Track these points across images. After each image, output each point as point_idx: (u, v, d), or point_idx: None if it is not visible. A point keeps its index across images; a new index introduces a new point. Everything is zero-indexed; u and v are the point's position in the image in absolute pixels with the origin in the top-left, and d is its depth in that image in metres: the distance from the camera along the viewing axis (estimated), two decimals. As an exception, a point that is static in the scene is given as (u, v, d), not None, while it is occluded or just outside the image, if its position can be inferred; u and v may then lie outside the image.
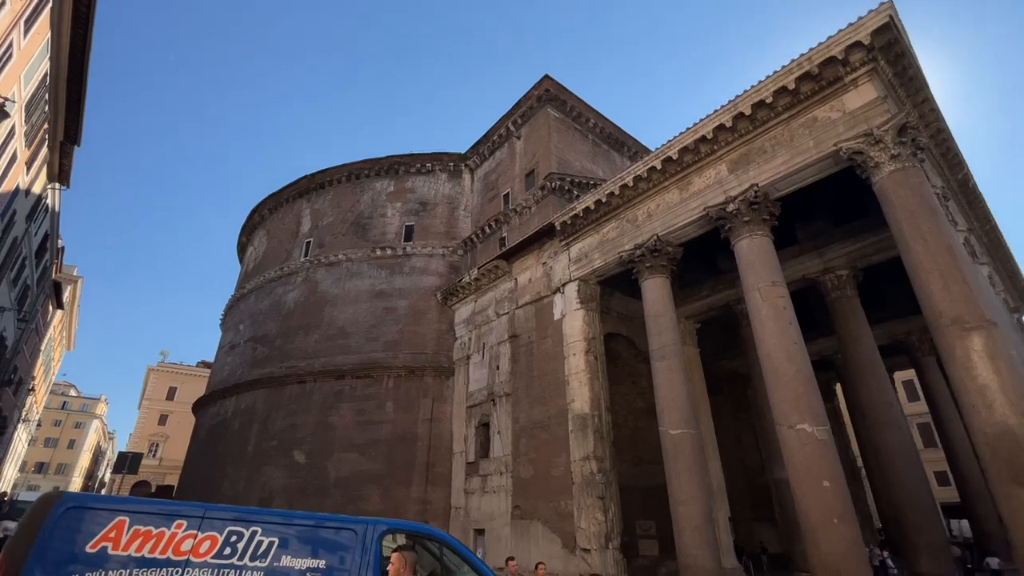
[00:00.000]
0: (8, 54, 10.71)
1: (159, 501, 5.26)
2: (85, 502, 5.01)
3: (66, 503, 4.86)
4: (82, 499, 5.05)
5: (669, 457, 12.43)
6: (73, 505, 4.86)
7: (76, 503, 4.91)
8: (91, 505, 4.98)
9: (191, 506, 5.24)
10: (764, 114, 12.86)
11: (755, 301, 11.81)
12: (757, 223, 12.56)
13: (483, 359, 20.81)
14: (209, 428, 25.39)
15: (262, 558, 5.03)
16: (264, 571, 4.97)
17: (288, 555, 5.08)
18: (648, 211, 15.14)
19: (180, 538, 4.89)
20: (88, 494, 5.33)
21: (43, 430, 65.30)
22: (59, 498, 4.92)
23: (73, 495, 5.07)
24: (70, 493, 5.12)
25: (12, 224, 15.92)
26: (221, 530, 5.04)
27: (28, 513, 4.87)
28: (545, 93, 22.81)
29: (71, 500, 4.93)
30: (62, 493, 5.06)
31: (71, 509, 4.81)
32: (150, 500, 5.34)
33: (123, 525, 4.82)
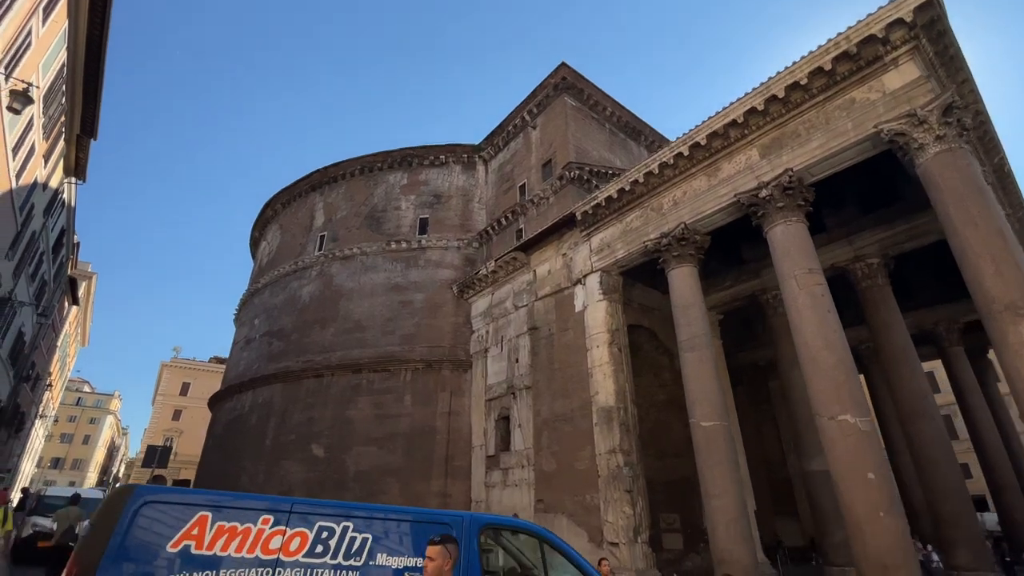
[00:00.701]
0: (27, 42, 10.52)
1: (243, 495, 4.86)
2: (163, 496, 4.58)
3: (142, 497, 4.41)
4: (159, 493, 4.62)
5: (701, 450, 12.14)
6: (150, 500, 4.42)
7: (153, 497, 4.47)
8: (170, 499, 4.56)
9: (277, 500, 4.83)
10: (798, 96, 12.45)
11: (791, 289, 11.45)
12: (791, 209, 12.19)
13: (501, 352, 20.59)
14: (226, 423, 25.37)
15: (356, 556, 4.63)
16: (359, 571, 4.57)
17: (383, 553, 4.67)
18: (674, 199, 14.78)
19: (268, 535, 4.45)
20: (164, 487, 4.84)
21: (58, 426, 65.98)
22: (133, 492, 4.48)
23: (148, 488, 4.59)
24: (144, 487, 4.62)
25: (31, 218, 15.82)
26: (311, 526, 4.61)
27: (100, 510, 4.46)
28: (562, 81, 22.41)
29: (147, 494, 4.48)
30: (135, 486, 4.57)
31: (148, 504, 4.37)
32: (232, 493, 4.88)
33: (205, 521, 4.38)
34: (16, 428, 31.37)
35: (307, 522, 4.63)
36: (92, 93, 14.95)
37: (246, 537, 4.43)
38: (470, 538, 4.83)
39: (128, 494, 4.45)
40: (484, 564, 4.86)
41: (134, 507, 4.34)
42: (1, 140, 11.13)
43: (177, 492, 4.77)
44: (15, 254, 15.61)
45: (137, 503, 4.38)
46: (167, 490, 4.76)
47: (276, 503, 4.75)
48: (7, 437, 30.54)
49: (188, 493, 4.77)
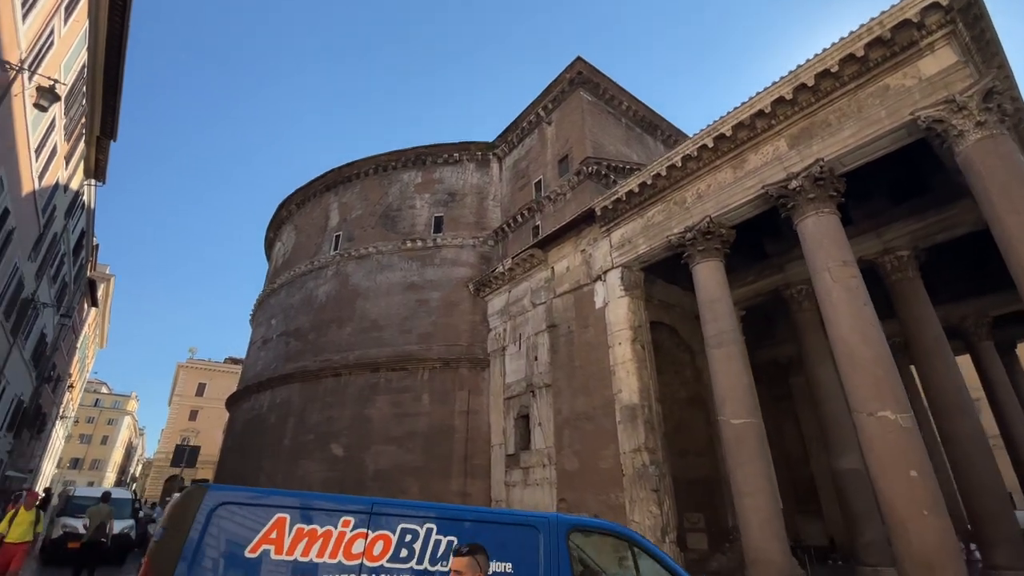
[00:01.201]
0: (50, 42, 10.51)
1: (321, 495, 4.56)
2: (238, 496, 4.27)
3: (216, 498, 4.12)
4: (233, 493, 4.31)
5: (731, 448, 11.87)
6: (225, 501, 4.12)
7: (228, 498, 4.17)
8: (246, 500, 4.24)
9: (356, 500, 4.52)
10: (829, 84, 12.12)
11: (825, 282, 11.15)
12: (823, 200, 11.87)
13: (520, 350, 20.41)
14: (244, 422, 25.46)
15: (443, 561, 4.32)
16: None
17: None
18: (698, 192, 14.50)
19: (350, 538, 4.16)
20: (237, 487, 4.50)
21: (78, 427, 66.93)
22: (205, 492, 4.15)
23: (221, 488, 4.30)
24: (217, 486, 4.31)
25: (52, 220, 15.91)
26: (393, 528, 4.31)
27: (171, 512, 4.13)
28: (578, 76, 22.17)
29: (221, 494, 4.20)
30: (207, 486, 4.24)
31: (223, 505, 4.07)
32: (310, 493, 4.57)
33: (284, 524, 4.08)
34: (38, 429, 31.77)
35: (389, 524, 4.35)
36: (111, 94, 14.99)
37: (327, 541, 4.13)
38: (559, 541, 4.50)
39: (201, 494, 4.16)
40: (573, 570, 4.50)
41: (209, 508, 4.06)
42: (25, 140, 11.17)
43: (252, 492, 4.45)
44: (38, 255, 15.70)
45: (212, 504, 4.09)
46: (241, 490, 4.45)
47: (356, 504, 4.46)
48: (29, 438, 30.92)
49: (264, 493, 4.47)
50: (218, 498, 4.16)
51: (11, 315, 15.72)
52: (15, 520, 9.67)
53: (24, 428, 27.26)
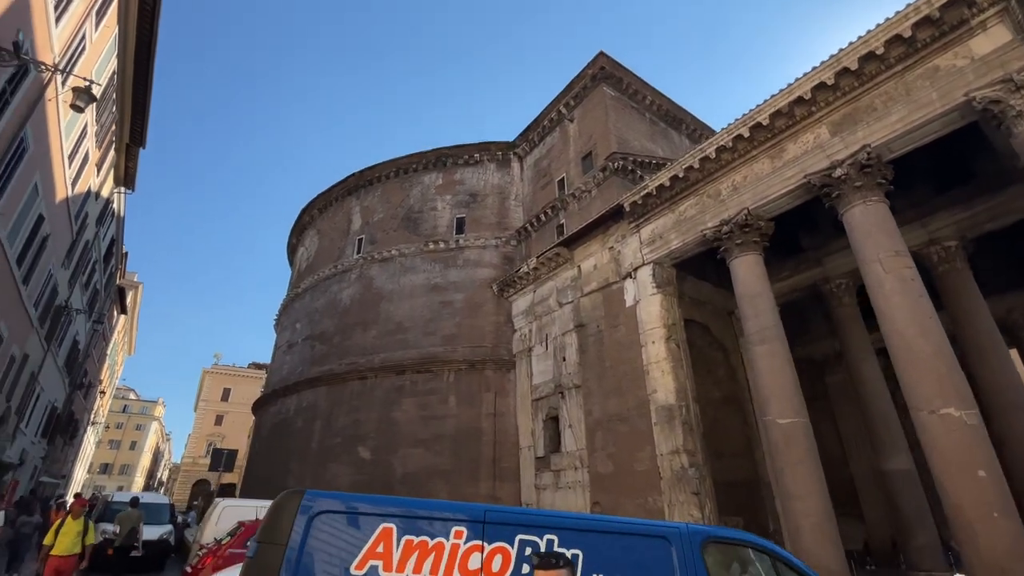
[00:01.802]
0: (82, 46, 10.57)
1: (427, 502, 4.03)
2: (337, 504, 3.73)
3: (315, 505, 3.62)
4: (332, 500, 3.78)
5: (779, 449, 11.37)
6: (325, 508, 3.63)
7: (327, 506, 3.66)
8: (346, 508, 3.73)
9: (467, 508, 4.01)
10: (873, 67, 11.60)
11: (876, 274, 10.61)
12: (870, 188, 11.34)
13: (546, 350, 20.07)
14: (271, 426, 25.56)
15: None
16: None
17: (597, 573, 3.76)
18: (733, 184, 14.03)
19: (464, 552, 3.64)
20: (335, 492, 3.93)
21: (107, 433, 68.33)
22: (300, 498, 3.65)
23: (319, 494, 3.78)
24: (314, 492, 3.78)
25: (84, 227, 16.09)
26: (511, 540, 3.77)
27: (266, 525, 3.62)
28: (600, 71, 21.81)
29: (320, 501, 3.71)
30: (301, 491, 3.73)
31: (323, 515, 3.58)
32: (415, 500, 4.02)
33: (391, 535, 3.58)
34: (71, 435, 32.39)
35: (506, 535, 3.82)
36: (141, 100, 15.12)
37: (440, 555, 3.62)
38: (694, 555, 3.96)
39: (296, 502, 3.66)
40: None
41: (306, 518, 3.57)
42: (58, 147, 11.25)
43: (353, 499, 3.89)
44: (71, 263, 15.89)
45: (310, 512, 3.61)
46: (340, 496, 3.90)
47: (468, 512, 3.97)
48: (63, 444, 31.53)
49: (366, 501, 3.89)
50: (316, 505, 3.66)
51: (45, 322, 15.92)
52: (62, 530, 8.69)
53: (57, 434, 27.77)
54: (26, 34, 7.95)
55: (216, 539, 9.39)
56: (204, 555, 8.49)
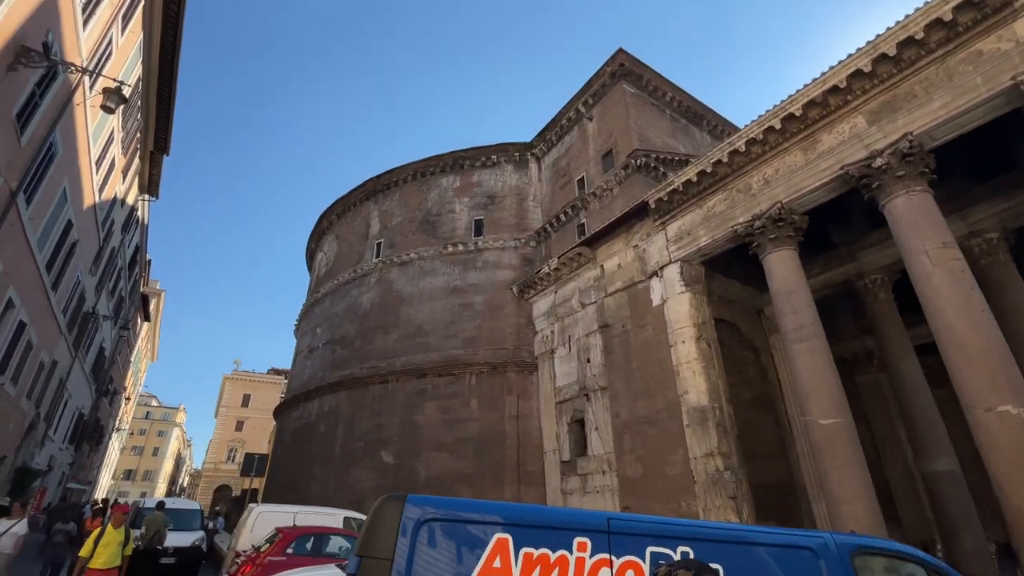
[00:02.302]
0: (109, 51, 10.62)
1: (541, 508, 3.62)
2: (442, 511, 3.24)
3: (418, 512, 3.14)
4: (437, 506, 3.30)
5: (821, 450, 10.92)
6: (430, 517, 3.15)
7: (433, 513, 3.18)
8: (454, 516, 3.23)
9: (588, 516, 3.49)
10: (912, 53, 11.16)
11: (923, 266, 10.16)
12: (913, 177, 10.88)
13: (570, 352, 19.76)
14: (293, 431, 25.57)
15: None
16: None
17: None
18: (764, 177, 13.63)
19: (592, 567, 3.13)
20: (437, 498, 3.40)
21: (131, 439, 69.36)
22: (401, 504, 3.16)
23: (421, 500, 3.29)
24: (416, 497, 3.28)
25: (111, 234, 16.22)
26: (641, 553, 3.27)
27: (367, 533, 3.13)
28: (619, 68, 21.53)
29: (424, 508, 3.22)
30: (402, 496, 3.24)
31: (429, 523, 3.11)
32: (527, 507, 3.55)
33: (507, 547, 3.09)
34: (96, 441, 32.82)
35: (635, 547, 3.30)
36: (165, 107, 15.22)
37: (564, 570, 3.10)
38: (843, 567, 3.47)
39: (398, 509, 3.17)
40: None
41: (411, 528, 3.08)
42: (86, 152, 11.31)
43: (460, 505, 3.40)
44: (98, 269, 16.02)
45: (414, 521, 3.11)
46: (446, 503, 3.38)
47: (589, 520, 3.44)
48: (89, 450, 31.94)
49: (474, 507, 3.40)
50: (420, 513, 3.16)
51: (73, 328, 16.06)
52: (101, 540, 7.84)
53: (84, 440, 28.12)
54: (55, 37, 7.98)
55: (254, 546, 9.21)
56: (243, 563, 8.29)
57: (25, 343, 12.22)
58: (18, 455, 15.78)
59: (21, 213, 9.14)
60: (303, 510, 11.02)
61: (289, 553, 8.14)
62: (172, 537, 12.06)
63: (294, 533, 8.68)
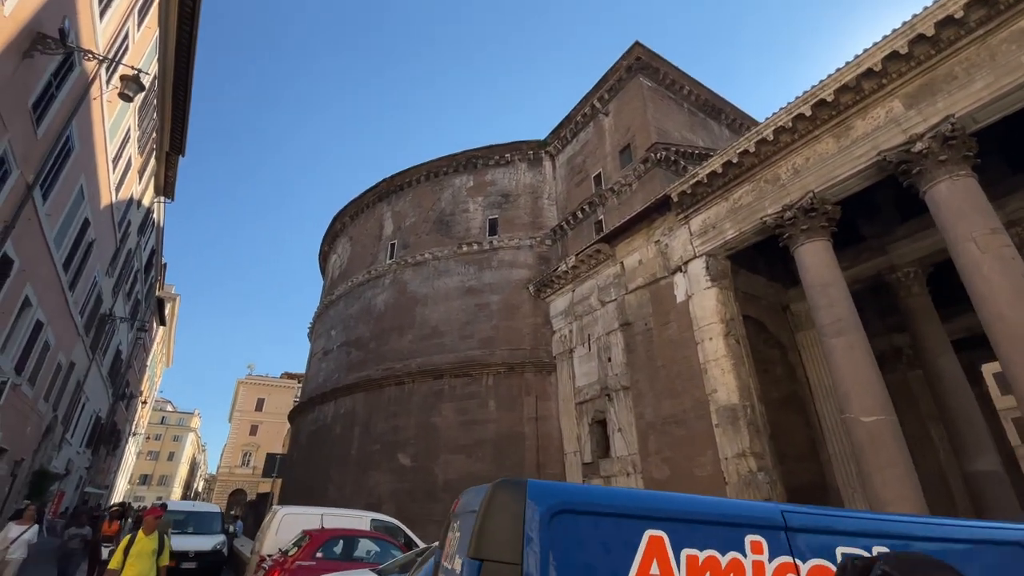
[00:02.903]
0: (125, 45, 10.48)
1: (697, 499, 2.73)
2: (577, 500, 2.45)
3: (548, 503, 2.36)
4: (569, 494, 2.53)
5: (864, 450, 10.41)
6: (563, 508, 2.37)
7: (565, 503, 2.40)
8: (592, 506, 2.43)
9: (757, 508, 2.72)
10: (951, 33, 10.68)
11: (970, 254, 9.65)
12: (956, 162, 10.39)
13: (589, 351, 19.34)
14: (309, 434, 25.39)
15: None
16: None
17: None
18: (794, 167, 13.17)
19: (774, 572, 2.41)
20: (568, 485, 2.71)
21: (147, 444, 69.85)
22: (524, 492, 2.38)
23: (548, 487, 2.51)
24: (541, 484, 2.50)
25: (127, 236, 16.14)
26: (830, 554, 2.53)
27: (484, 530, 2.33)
28: (636, 62, 21.16)
29: (552, 496, 2.44)
30: (523, 482, 2.46)
31: (562, 515, 2.34)
32: (682, 497, 2.75)
33: (663, 547, 2.36)
34: (113, 445, 32.92)
35: (820, 548, 2.56)
36: (181, 107, 15.11)
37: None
38: None
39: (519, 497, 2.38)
40: None
41: (540, 522, 2.29)
42: (103, 149, 11.17)
43: (597, 494, 2.62)
44: (114, 271, 15.93)
45: (542, 514, 2.31)
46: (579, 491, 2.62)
47: (757, 513, 2.68)
48: (106, 454, 32.03)
49: (614, 496, 2.62)
50: (547, 503, 2.36)
51: (90, 330, 15.97)
52: (132, 550, 6.91)
53: (101, 444, 28.17)
54: (71, 25, 7.81)
55: (281, 550, 8.83)
56: (270, 568, 7.90)
57: (42, 344, 12.10)
58: (36, 458, 15.70)
59: (38, 208, 9.00)
60: (329, 512, 10.69)
61: (319, 557, 7.81)
62: (192, 541, 11.82)
63: (323, 536, 8.33)
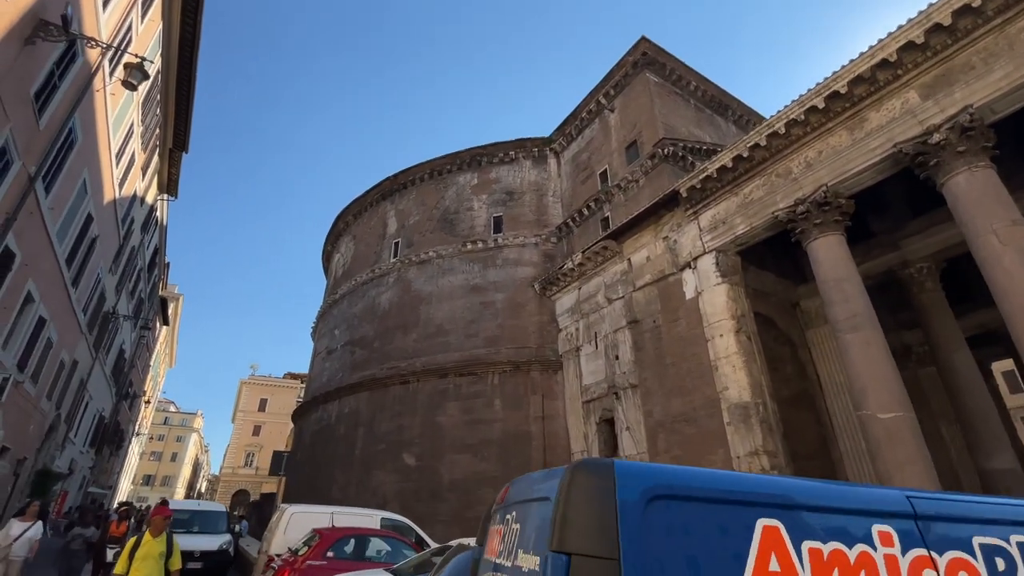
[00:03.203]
0: (128, 37, 10.33)
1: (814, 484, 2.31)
2: (678, 485, 2.03)
3: (643, 487, 1.95)
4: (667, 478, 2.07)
5: (881, 448, 10.18)
6: (661, 493, 1.96)
7: (664, 488, 1.98)
8: (694, 491, 2.02)
9: (879, 494, 2.35)
10: (968, 22, 10.47)
11: (991, 247, 9.43)
12: (975, 153, 10.17)
13: (597, 349, 19.14)
14: (312, 433, 25.23)
15: None
16: None
17: None
18: (806, 160, 12.96)
19: (909, 569, 2.04)
20: (662, 467, 2.18)
21: (150, 444, 69.81)
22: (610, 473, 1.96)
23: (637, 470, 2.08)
24: (629, 464, 2.06)
25: (130, 233, 16.00)
26: (967, 546, 2.17)
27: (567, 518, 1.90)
28: (642, 57, 20.97)
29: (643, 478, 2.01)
30: (608, 463, 2.02)
31: (659, 501, 1.92)
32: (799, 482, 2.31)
33: (781, 539, 1.96)
34: (117, 445, 32.81)
35: (956, 538, 2.19)
36: (184, 103, 14.94)
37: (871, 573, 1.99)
38: None
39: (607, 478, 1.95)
40: None
41: (635, 508, 1.87)
42: (106, 143, 11.03)
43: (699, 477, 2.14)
44: (118, 268, 15.80)
45: (636, 499, 1.89)
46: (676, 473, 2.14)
47: (882, 500, 2.27)
48: (109, 454, 31.92)
49: (722, 480, 2.17)
50: (644, 485, 1.96)
51: (94, 328, 15.83)
52: (138, 552, 6.32)
53: (104, 444, 28.05)
54: (74, 12, 7.66)
55: (291, 549, 8.59)
56: (280, 568, 7.67)
57: (45, 341, 11.96)
58: (39, 457, 15.56)
59: (40, 202, 8.84)
60: (340, 510, 10.50)
61: (330, 557, 7.59)
62: (198, 541, 11.64)
63: (334, 535, 8.13)
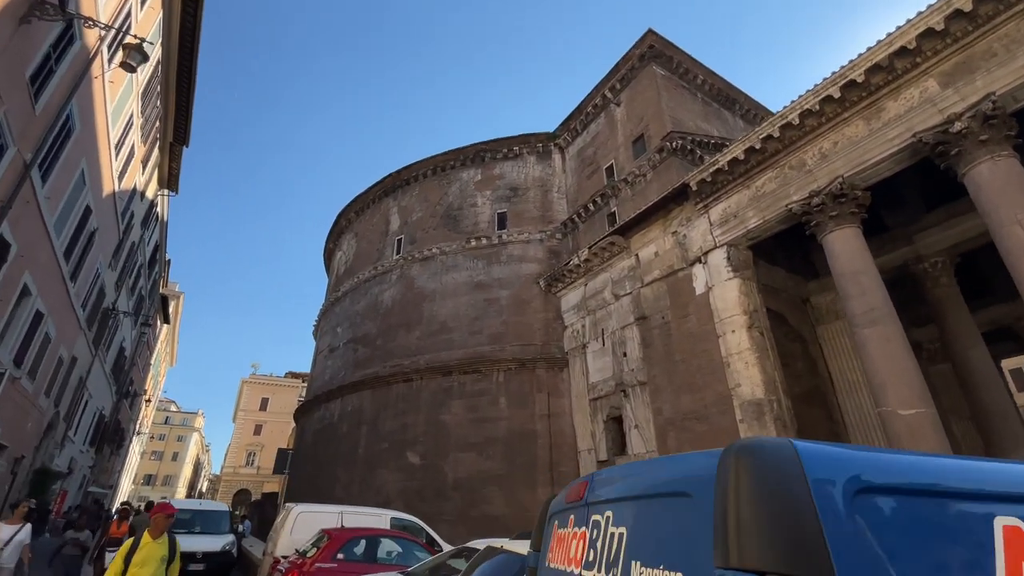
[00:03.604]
0: (128, 23, 10.06)
1: None
2: (889, 475, 1.35)
3: (844, 478, 1.27)
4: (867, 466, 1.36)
5: (903, 444, 9.88)
6: (865, 486, 1.28)
7: (865, 479, 1.30)
8: (904, 484, 1.34)
9: None
10: (990, 8, 10.18)
11: (1016, 237, 9.15)
12: (997, 142, 9.89)
13: (604, 346, 18.86)
14: (315, 432, 24.97)
15: None
16: None
17: None
18: (821, 151, 12.68)
19: None
20: (859, 451, 1.46)
21: (150, 443, 69.59)
22: (794, 457, 1.28)
23: (828, 455, 1.37)
24: (814, 448, 1.34)
25: (130, 228, 15.74)
26: None
27: (741, 511, 1.24)
28: (649, 50, 20.68)
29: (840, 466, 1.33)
30: (787, 443, 1.33)
31: (866, 494, 1.26)
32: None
33: None
34: (117, 444, 32.56)
35: None
36: (185, 94, 14.66)
37: None
38: None
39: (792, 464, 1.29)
40: None
41: (836, 501, 1.23)
42: (105, 133, 10.76)
43: (914, 466, 1.44)
44: (117, 264, 15.53)
45: (839, 490, 1.25)
46: (884, 461, 1.45)
47: None
48: (109, 453, 31.68)
49: (939, 468, 1.48)
50: (846, 475, 1.31)
51: (93, 325, 15.57)
52: (136, 556, 5.62)
53: (105, 443, 27.79)
54: (72, -6, 7.39)
55: (298, 550, 8.30)
56: (287, 570, 7.33)
57: (42, 336, 11.69)
58: (37, 456, 15.30)
59: (37, 191, 8.57)
60: (349, 510, 10.20)
61: (340, 559, 7.27)
62: (200, 541, 11.37)
63: (344, 536, 7.80)
